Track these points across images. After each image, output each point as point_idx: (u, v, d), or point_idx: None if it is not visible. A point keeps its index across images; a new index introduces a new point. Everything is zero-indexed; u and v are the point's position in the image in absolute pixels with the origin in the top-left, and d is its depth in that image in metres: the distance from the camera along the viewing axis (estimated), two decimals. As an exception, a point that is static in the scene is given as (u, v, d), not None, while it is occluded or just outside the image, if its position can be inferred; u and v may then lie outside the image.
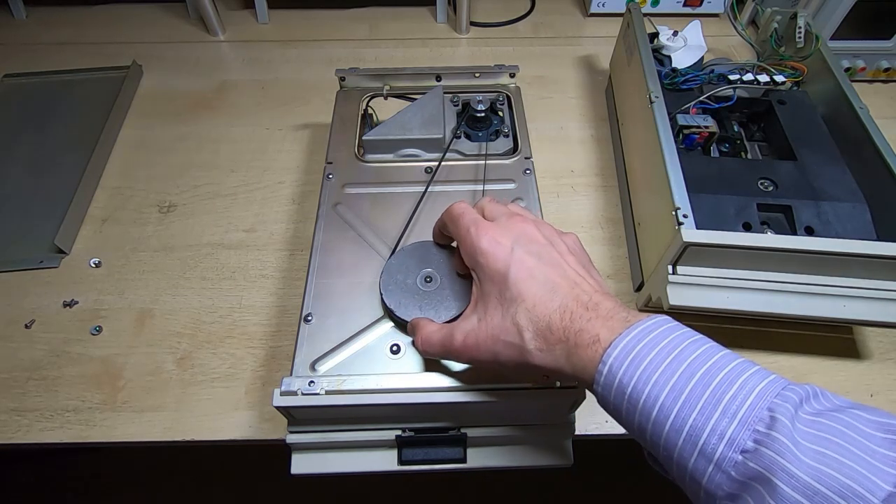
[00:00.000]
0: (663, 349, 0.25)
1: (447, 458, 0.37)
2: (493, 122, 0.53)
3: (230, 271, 0.53)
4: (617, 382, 0.25)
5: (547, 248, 0.31)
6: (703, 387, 0.24)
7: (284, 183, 0.60)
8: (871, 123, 0.48)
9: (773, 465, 0.21)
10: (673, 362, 0.25)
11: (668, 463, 0.25)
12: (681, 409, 0.24)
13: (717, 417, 0.23)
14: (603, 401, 0.27)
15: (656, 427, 0.24)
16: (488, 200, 0.35)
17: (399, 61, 0.75)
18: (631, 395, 0.25)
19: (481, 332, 0.30)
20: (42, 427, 0.43)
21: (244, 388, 0.45)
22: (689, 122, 0.50)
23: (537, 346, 0.28)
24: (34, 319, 0.49)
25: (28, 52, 0.76)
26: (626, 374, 0.25)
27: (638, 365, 0.25)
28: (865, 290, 0.40)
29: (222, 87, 0.71)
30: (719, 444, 0.23)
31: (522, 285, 0.29)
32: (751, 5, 0.69)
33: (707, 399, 0.23)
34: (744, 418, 0.23)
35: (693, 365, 0.24)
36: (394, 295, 0.38)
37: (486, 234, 0.31)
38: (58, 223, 0.53)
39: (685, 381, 0.24)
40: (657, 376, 0.25)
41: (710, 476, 0.23)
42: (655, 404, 0.24)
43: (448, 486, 1.04)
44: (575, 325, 0.27)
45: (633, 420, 0.25)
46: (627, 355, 0.25)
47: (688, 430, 0.23)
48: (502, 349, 0.29)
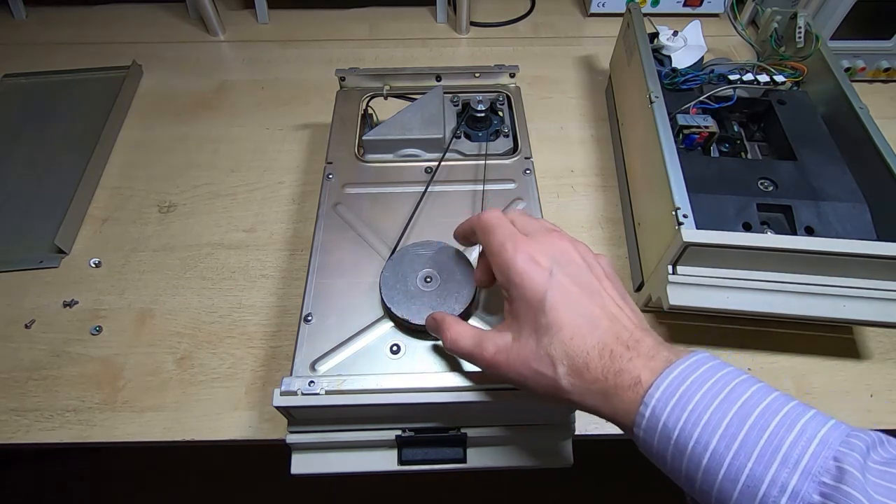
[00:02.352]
0: (711, 389, 0.23)
1: (447, 458, 0.37)
2: (493, 122, 0.53)
3: (230, 271, 0.53)
4: (661, 426, 0.24)
5: (586, 272, 0.29)
6: (759, 431, 0.22)
7: (284, 183, 0.60)
8: (871, 123, 0.48)
9: None
10: (723, 403, 0.23)
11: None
12: (735, 457, 0.22)
13: (777, 466, 0.21)
14: (645, 446, 0.25)
15: (707, 476, 0.22)
16: (520, 212, 0.34)
17: (399, 61, 0.75)
18: (678, 439, 0.23)
19: (512, 353, 0.29)
20: (42, 427, 0.43)
21: (244, 388, 0.45)
22: (689, 122, 0.50)
23: (571, 382, 0.27)
24: (34, 319, 0.49)
25: (28, 52, 0.76)
26: (672, 416, 0.23)
27: (684, 407, 0.23)
28: (865, 290, 0.40)
29: (222, 87, 0.71)
30: (781, 497, 0.21)
31: (560, 313, 0.27)
32: (751, 5, 0.69)
33: (764, 445, 0.21)
34: (807, 468, 0.21)
35: (746, 407, 0.23)
36: (394, 295, 0.38)
37: (524, 252, 0.29)
38: (58, 223, 0.53)
39: (738, 425, 0.22)
40: (706, 419, 0.23)
41: None
42: (706, 450, 0.22)
43: (448, 486, 1.04)
44: (615, 365, 0.26)
45: (679, 467, 0.23)
46: (672, 396, 0.24)
47: (744, 480, 0.21)
48: (533, 377, 0.28)
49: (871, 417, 0.44)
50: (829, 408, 0.44)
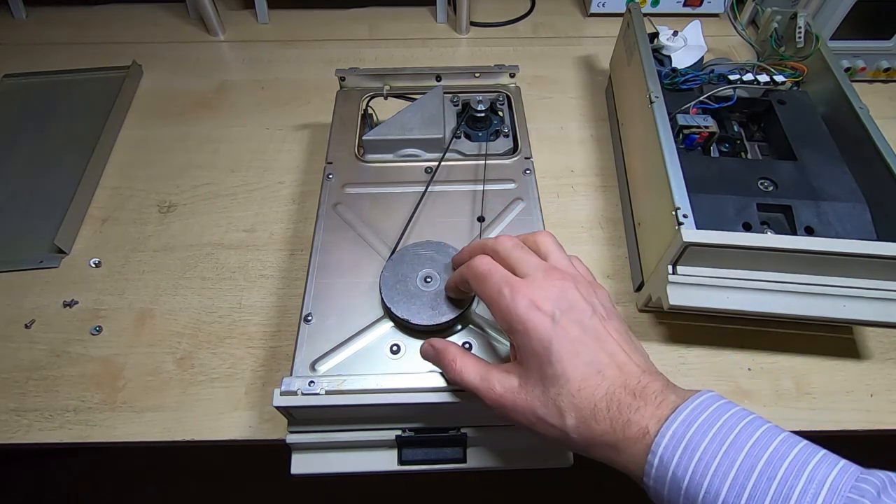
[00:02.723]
0: (717, 434, 0.23)
1: (447, 459, 0.37)
2: (493, 122, 0.54)
3: (230, 271, 0.53)
4: (671, 476, 0.23)
5: (589, 315, 0.28)
6: (769, 480, 0.22)
7: (284, 183, 0.60)
8: (871, 123, 0.48)
9: None
10: (730, 450, 0.23)
11: None
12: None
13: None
14: (656, 495, 0.25)
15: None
16: (510, 246, 0.31)
17: (399, 61, 0.75)
18: (688, 489, 0.23)
19: (519, 398, 0.28)
20: (42, 427, 0.43)
21: (244, 388, 0.45)
22: (689, 122, 0.50)
23: (580, 434, 0.26)
24: (34, 319, 0.49)
25: (28, 52, 0.76)
26: (680, 465, 0.23)
27: (692, 454, 0.23)
28: (865, 290, 0.40)
29: (222, 87, 0.71)
30: None
31: (567, 364, 0.27)
32: (751, 5, 0.69)
33: (774, 495, 0.21)
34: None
35: (752, 453, 0.23)
36: (394, 295, 0.38)
37: (524, 299, 0.28)
38: (58, 223, 0.53)
39: (747, 473, 0.22)
40: (715, 467, 0.22)
41: None
42: (717, 500, 0.22)
43: (448, 487, 1.04)
44: (623, 416, 0.25)
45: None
46: (679, 443, 0.24)
47: None
48: (540, 424, 0.28)
49: (871, 417, 0.44)
50: (829, 408, 0.44)
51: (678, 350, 0.47)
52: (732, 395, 0.45)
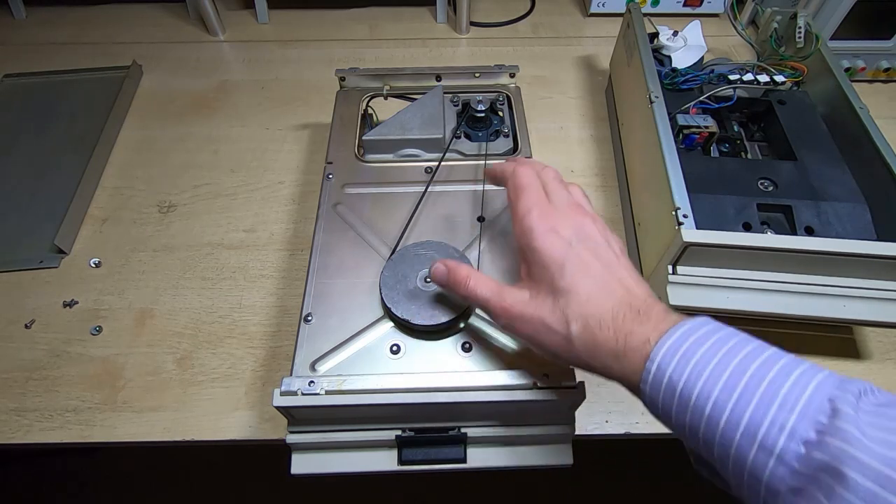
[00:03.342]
0: (712, 346, 0.25)
1: (447, 458, 0.37)
2: (493, 122, 0.53)
3: (230, 271, 0.53)
4: (667, 381, 0.25)
5: (604, 247, 0.31)
6: (758, 381, 0.23)
7: (284, 183, 0.60)
8: (871, 123, 0.48)
9: (842, 455, 0.21)
10: (724, 358, 0.24)
11: (723, 462, 0.24)
12: (736, 404, 0.23)
13: (776, 410, 0.22)
14: (651, 402, 0.26)
15: (710, 423, 0.24)
16: (552, 178, 0.34)
17: (399, 61, 0.75)
18: (682, 392, 0.24)
19: (528, 309, 0.30)
20: (42, 427, 0.43)
21: (244, 388, 0.45)
22: (689, 122, 0.50)
23: (583, 341, 0.28)
24: (34, 319, 0.49)
25: (28, 52, 0.76)
26: (676, 371, 0.25)
27: (687, 362, 0.25)
28: (865, 290, 0.40)
29: (222, 87, 0.71)
30: (780, 435, 0.22)
31: (578, 278, 0.29)
32: (751, 5, 0.69)
33: (763, 393, 0.23)
34: (804, 410, 0.22)
35: (745, 361, 0.24)
36: (394, 295, 0.38)
37: (546, 222, 0.31)
38: (58, 223, 0.53)
39: (738, 377, 0.24)
40: (708, 372, 0.24)
41: (771, 470, 0.22)
42: (708, 400, 0.24)
43: (448, 486, 1.04)
44: (626, 327, 0.27)
45: (683, 420, 0.25)
46: (675, 353, 0.25)
47: (745, 423, 0.23)
48: (545, 332, 0.29)
49: (871, 417, 0.44)
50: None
51: (678, 350, 0.47)
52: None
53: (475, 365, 0.37)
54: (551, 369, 0.35)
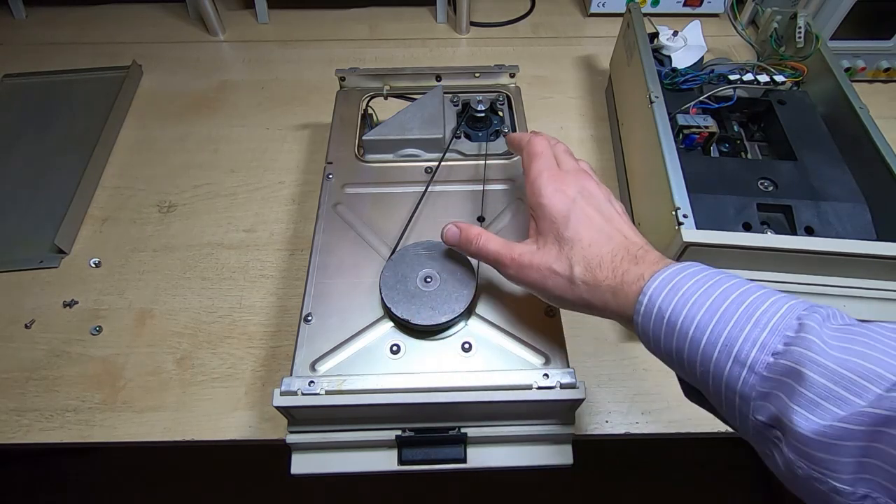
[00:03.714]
0: (698, 280, 0.28)
1: (447, 458, 0.37)
2: (493, 122, 0.53)
3: (230, 271, 0.53)
4: (656, 310, 0.28)
5: (606, 204, 0.34)
6: (737, 306, 0.26)
7: (284, 183, 0.60)
8: (871, 123, 0.48)
9: (802, 358, 0.23)
10: (708, 289, 0.27)
11: (704, 381, 0.26)
12: (716, 325, 0.26)
13: (750, 328, 0.25)
14: (643, 331, 0.29)
15: (693, 344, 0.26)
16: (563, 150, 0.38)
17: (399, 61, 0.75)
18: (669, 319, 0.27)
19: (535, 257, 0.33)
20: (42, 427, 0.43)
21: (244, 388, 0.45)
22: (689, 122, 0.50)
23: (585, 281, 0.31)
24: (34, 319, 0.49)
25: (28, 52, 0.76)
26: (665, 300, 0.27)
27: (675, 293, 0.27)
28: (865, 290, 0.40)
29: (222, 87, 0.71)
30: (752, 349, 0.24)
31: (581, 227, 0.32)
32: (751, 5, 0.69)
33: (740, 315, 0.25)
34: (774, 326, 0.25)
35: (726, 291, 0.27)
36: (394, 295, 0.38)
37: (553, 183, 0.34)
38: (58, 223, 0.53)
39: (720, 303, 0.26)
40: (693, 300, 0.27)
41: (744, 379, 0.25)
42: (692, 324, 0.26)
43: (448, 486, 1.04)
44: (623, 267, 0.30)
45: (670, 344, 0.27)
46: (666, 286, 0.28)
47: (723, 341, 0.25)
48: (551, 276, 0.32)
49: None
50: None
51: (678, 350, 0.47)
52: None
53: (475, 365, 0.37)
54: (551, 369, 0.35)
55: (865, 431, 0.21)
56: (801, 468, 0.22)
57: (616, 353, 0.47)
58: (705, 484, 1.02)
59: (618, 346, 0.48)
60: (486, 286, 0.41)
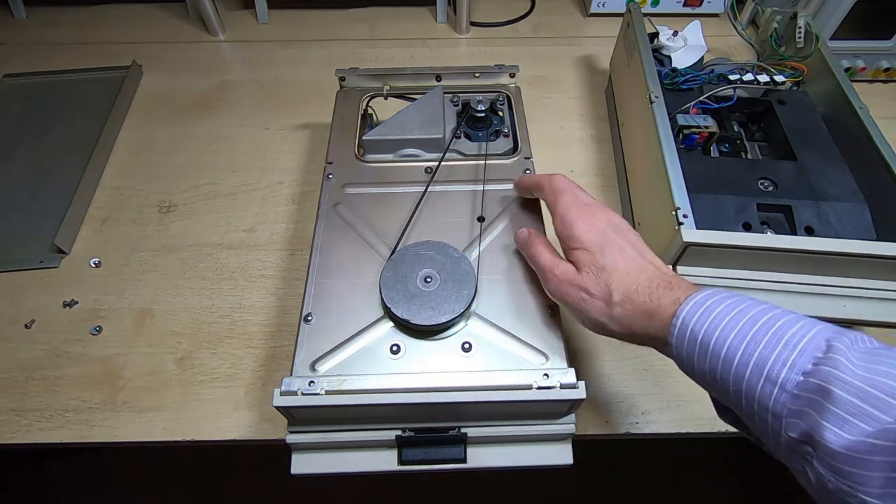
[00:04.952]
0: (729, 305, 0.29)
1: (447, 458, 0.37)
2: (493, 122, 0.53)
3: (230, 271, 0.53)
4: (689, 331, 0.29)
5: (634, 236, 0.36)
6: (767, 328, 0.27)
7: (284, 183, 0.60)
8: (871, 123, 0.48)
9: (830, 377, 0.24)
10: (738, 313, 0.28)
11: (737, 398, 0.27)
12: (748, 346, 0.27)
13: (780, 349, 0.26)
14: (677, 352, 0.30)
15: (725, 364, 0.27)
16: (580, 187, 0.40)
17: (399, 61, 0.75)
18: (702, 340, 0.28)
19: (576, 280, 0.35)
20: (42, 427, 0.43)
21: (244, 388, 0.45)
22: (689, 122, 0.50)
23: (622, 305, 0.32)
24: (34, 319, 0.49)
25: (28, 52, 0.76)
26: (698, 323, 0.29)
27: (708, 316, 0.29)
28: (865, 290, 0.40)
29: (222, 87, 0.71)
30: (783, 369, 0.26)
31: (617, 257, 0.34)
32: (751, 5, 0.69)
33: (770, 337, 0.27)
34: (804, 348, 0.26)
35: (756, 315, 0.28)
36: (394, 295, 0.38)
37: (584, 217, 0.36)
38: (58, 223, 0.53)
39: (750, 326, 0.27)
40: (725, 322, 0.28)
41: (775, 397, 0.26)
42: (724, 345, 0.28)
43: (448, 486, 1.04)
44: (659, 292, 0.32)
45: (704, 365, 0.29)
46: (699, 308, 0.29)
47: (754, 361, 0.27)
48: (589, 301, 0.34)
49: (871, 417, 0.43)
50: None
51: (678, 350, 0.47)
52: (732, 395, 0.45)
53: (475, 365, 0.37)
54: (551, 369, 0.35)
55: (892, 447, 0.21)
56: (831, 482, 0.23)
57: (616, 353, 0.47)
58: (705, 484, 1.02)
59: (618, 346, 0.48)
60: (486, 286, 0.41)
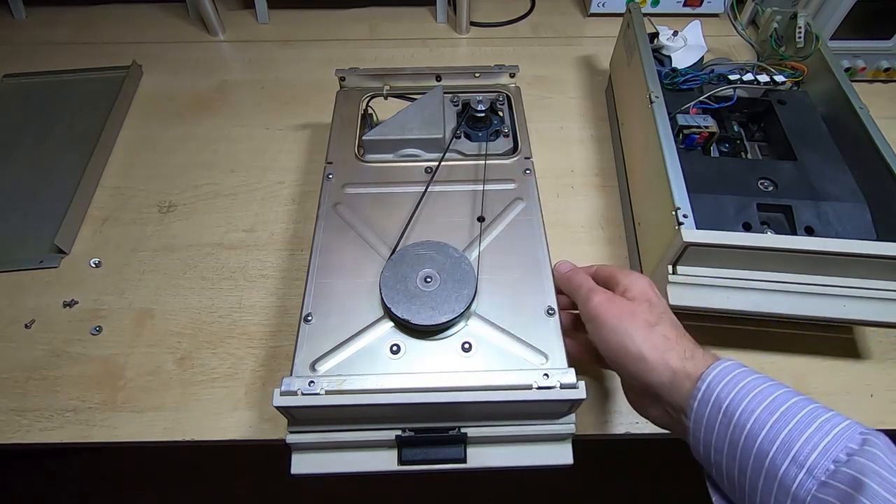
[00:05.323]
0: (756, 378, 0.29)
1: (447, 458, 0.37)
2: (493, 122, 0.53)
3: (230, 271, 0.53)
4: (715, 397, 0.28)
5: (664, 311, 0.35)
6: (798, 409, 0.27)
7: (284, 183, 0.60)
8: (871, 123, 0.48)
9: (865, 469, 0.24)
10: (767, 388, 0.28)
11: (754, 479, 0.27)
12: (776, 423, 0.26)
13: (812, 432, 0.26)
14: (696, 418, 0.29)
15: (749, 438, 0.27)
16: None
17: (399, 61, 0.75)
18: (727, 407, 0.28)
19: (626, 304, 0.35)
20: (42, 427, 0.43)
21: (244, 388, 0.45)
22: (689, 122, 0.50)
23: (666, 336, 0.32)
24: (34, 319, 0.49)
25: (28, 52, 0.76)
26: (725, 389, 0.28)
27: (735, 384, 0.28)
28: (865, 290, 0.40)
29: (222, 87, 0.71)
30: (813, 452, 0.25)
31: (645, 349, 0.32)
32: (751, 5, 0.69)
33: (801, 418, 0.26)
34: (838, 435, 0.26)
35: (786, 394, 0.28)
36: (394, 295, 0.38)
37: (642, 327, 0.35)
38: (58, 223, 0.53)
39: (780, 402, 0.27)
40: (753, 394, 0.27)
41: (800, 481, 0.25)
42: (751, 417, 0.27)
43: (448, 486, 1.04)
44: (683, 361, 0.31)
45: (724, 435, 0.28)
46: (726, 375, 0.29)
47: (782, 439, 0.26)
48: (632, 318, 0.34)
49: (872, 417, 0.44)
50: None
51: (678, 350, 0.47)
52: (732, 395, 0.45)
53: (475, 365, 0.37)
54: (551, 369, 0.35)
55: None
56: None
57: (616, 353, 0.47)
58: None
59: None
60: (486, 286, 0.41)
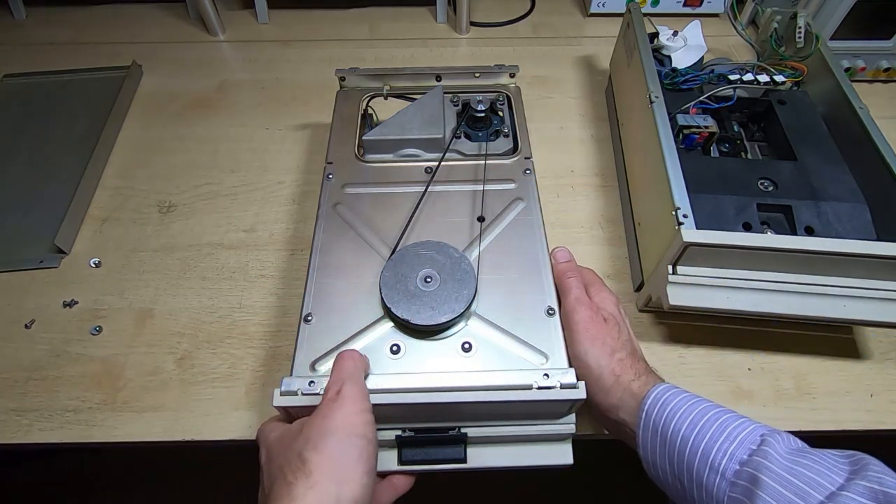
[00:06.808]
0: (683, 400, 0.34)
1: (447, 458, 0.37)
2: (493, 122, 0.54)
3: (230, 271, 0.53)
4: (652, 420, 0.34)
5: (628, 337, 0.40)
6: (713, 422, 0.32)
7: (284, 183, 0.60)
8: (871, 123, 0.48)
9: (760, 466, 0.29)
10: (689, 407, 0.34)
11: (691, 486, 0.32)
12: (696, 437, 0.32)
13: (722, 440, 0.31)
14: (642, 444, 0.35)
15: (679, 453, 0.33)
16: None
17: (399, 61, 0.75)
18: (661, 429, 0.34)
19: (598, 319, 0.39)
20: (42, 427, 0.43)
21: (244, 388, 0.45)
22: (689, 122, 0.50)
23: (610, 395, 0.37)
24: (34, 319, 0.49)
25: (28, 52, 0.76)
26: (658, 412, 0.34)
27: (665, 406, 0.34)
28: (865, 290, 0.40)
29: (222, 87, 0.71)
30: (724, 458, 0.31)
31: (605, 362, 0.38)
32: (751, 5, 0.69)
33: (716, 429, 0.32)
34: (742, 440, 0.31)
35: (703, 410, 0.33)
36: (394, 295, 0.38)
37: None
38: (58, 223, 0.53)
39: (699, 418, 0.33)
40: (679, 415, 0.33)
41: (717, 485, 0.31)
42: (678, 434, 0.33)
43: (448, 486, 1.04)
44: (631, 384, 0.37)
45: (664, 452, 0.34)
46: (658, 400, 0.35)
47: (701, 451, 0.32)
48: (600, 324, 0.39)
49: (871, 417, 0.44)
50: (829, 408, 0.44)
51: (678, 350, 0.47)
52: (732, 395, 0.45)
53: (475, 365, 0.37)
54: (551, 369, 0.35)
55: None
56: None
57: (616, 353, 0.47)
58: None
59: (618, 346, 0.48)
60: (486, 286, 0.41)
